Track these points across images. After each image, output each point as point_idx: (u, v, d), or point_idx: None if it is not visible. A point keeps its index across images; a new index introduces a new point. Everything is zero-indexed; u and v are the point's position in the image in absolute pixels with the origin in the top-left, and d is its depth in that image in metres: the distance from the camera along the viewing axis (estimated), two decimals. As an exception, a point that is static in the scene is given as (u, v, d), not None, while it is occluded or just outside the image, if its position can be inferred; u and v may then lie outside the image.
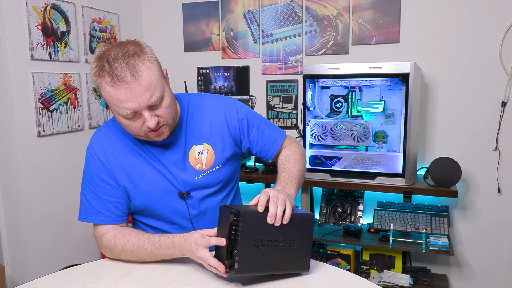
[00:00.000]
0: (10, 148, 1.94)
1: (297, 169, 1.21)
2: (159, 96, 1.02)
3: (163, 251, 1.08)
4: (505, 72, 2.17)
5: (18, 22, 1.92)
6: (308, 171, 2.26)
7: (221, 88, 2.73)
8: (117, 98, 0.99)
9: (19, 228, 1.98)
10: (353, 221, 2.33)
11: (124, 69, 0.98)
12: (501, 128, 2.21)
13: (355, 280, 1.05)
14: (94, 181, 1.15)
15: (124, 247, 1.11)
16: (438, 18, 2.25)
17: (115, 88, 0.98)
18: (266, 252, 0.97)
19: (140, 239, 1.10)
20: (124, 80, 0.97)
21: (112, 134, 1.18)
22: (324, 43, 2.47)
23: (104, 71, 0.99)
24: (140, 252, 1.10)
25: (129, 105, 0.99)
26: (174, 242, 1.07)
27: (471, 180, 2.30)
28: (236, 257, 0.93)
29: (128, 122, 1.04)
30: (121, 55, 0.99)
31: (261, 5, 2.58)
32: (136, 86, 0.98)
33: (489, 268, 2.32)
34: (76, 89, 2.26)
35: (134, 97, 0.98)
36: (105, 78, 0.99)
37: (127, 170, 1.15)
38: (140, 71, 0.99)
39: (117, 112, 1.03)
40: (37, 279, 1.08)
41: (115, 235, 1.13)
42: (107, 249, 1.14)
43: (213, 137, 1.21)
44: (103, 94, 1.02)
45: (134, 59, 0.99)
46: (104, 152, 1.15)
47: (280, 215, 0.97)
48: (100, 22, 2.44)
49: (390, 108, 2.17)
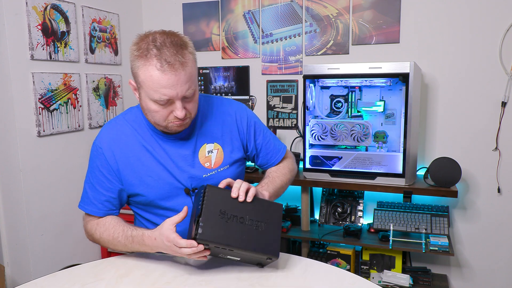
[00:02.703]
0: (10, 148, 1.94)
1: (280, 180, 1.29)
2: (194, 89, 1.07)
3: (135, 246, 1.12)
4: (505, 72, 2.17)
5: (18, 22, 1.92)
6: (308, 171, 2.26)
7: (221, 88, 2.73)
8: (159, 82, 1.01)
9: (19, 228, 1.98)
10: (353, 221, 2.33)
11: (174, 56, 1.00)
12: (501, 128, 2.21)
13: (355, 280, 1.05)
14: (94, 172, 1.19)
15: (102, 236, 1.17)
16: (438, 18, 2.25)
17: (163, 72, 1.00)
18: (232, 226, 1.01)
19: (115, 231, 1.15)
20: (173, 67, 1.00)
21: (122, 129, 1.20)
22: (324, 43, 2.47)
23: (151, 54, 1.01)
24: (115, 243, 1.15)
25: (168, 91, 1.02)
26: (144, 240, 1.09)
27: (471, 180, 2.30)
28: (201, 223, 0.98)
29: (157, 108, 1.06)
30: (169, 43, 1.02)
31: (261, 5, 2.58)
32: (182, 75, 1.02)
33: (489, 268, 2.32)
34: (76, 89, 2.26)
35: (177, 85, 1.02)
36: (153, 61, 1.00)
37: (133, 164, 1.18)
38: (187, 62, 1.03)
39: (151, 97, 1.05)
40: (37, 279, 1.08)
41: (98, 222, 1.19)
42: (89, 234, 1.21)
43: (224, 138, 1.24)
44: (143, 77, 1.03)
45: (182, 49, 1.03)
46: (110, 146, 1.18)
47: (243, 190, 1.04)
48: (100, 22, 2.44)
49: (390, 108, 2.17)
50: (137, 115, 1.22)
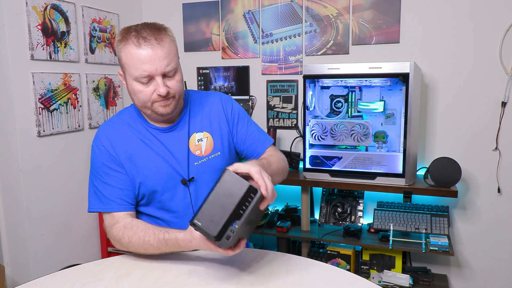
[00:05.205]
0: (10, 148, 1.94)
1: (276, 166, 1.22)
2: (174, 67, 1.13)
3: (170, 249, 1.10)
4: (505, 72, 2.17)
5: (18, 22, 1.92)
6: (308, 171, 2.26)
7: (221, 88, 2.73)
8: (138, 58, 1.08)
9: (19, 228, 1.98)
10: (353, 221, 2.33)
11: (150, 34, 1.09)
12: (501, 128, 2.21)
13: (355, 280, 1.05)
14: (103, 170, 1.20)
15: (131, 240, 1.13)
16: (438, 18, 2.25)
17: (139, 47, 1.08)
18: (247, 229, 0.97)
19: (146, 234, 1.11)
20: (149, 42, 1.08)
21: (117, 126, 1.24)
22: (324, 43, 2.47)
23: (130, 35, 1.10)
24: (146, 247, 1.12)
25: (147, 67, 1.08)
26: (179, 244, 1.08)
27: (471, 180, 2.30)
28: (233, 231, 0.91)
29: (141, 87, 1.12)
30: (147, 26, 1.12)
31: (261, 5, 2.58)
32: (158, 50, 1.08)
33: (489, 268, 2.32)
34: (76, 89, 2.26)
35: (155, 59, 1.08)
36: (131, 39, 1.09)
37: (132, 158, 1.20)
38: (164, 40, 1.10)
39: (133, 75, 1.11)
40: (37, 279, 1.08)
41: (125, 225, 1.15)
42: (116, 240, 1.16)
43: (212, 127, 1.28)
44: (124, 57, 1.11)
45: (160, 30, 1.12)
46: (110, 143, 1.21)
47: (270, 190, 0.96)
48: (100, 22, 2.44)
49: (390, 108, 2.17)
50: (131, 113, 1.26)
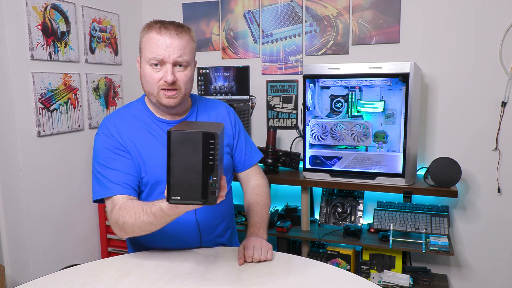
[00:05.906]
0: (10, 148, 1.94)
1: (265, 212, 1.40)
2: (187, 60, 1.21)
3: (160, 220, 1.05)
4: (505, 72, 2.17)
5: (18, 22, 1.92)
6: (308, 171, 2.26)
7: (221, 88, 2.73)
8: (155, 43, 1.17)
9: (19, 228, 1.98)
10: (353, 221, 2.33)
11: (172, 27, 1.20)
12: (501, 128, 2.21)
13: (355, 280, 1.05)
14: (108, 156, 1.22)
15: (125, 219, 1.11)
16: (438, 18, 2.25)
17: (159, 34, 1.18)
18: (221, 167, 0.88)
19: (136, 211, 1.09)
20: (169, 32, 1.18)
21: (124, 118, 1.29)
22: (324, 43, 2.47)
23: (155, 25, 1.20)
24: (140, 224, 1.08)
25: (161, 52, 1.17)
26: (164, 211, 1.02)
27: (471, 180, 2.30)
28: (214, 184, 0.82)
29: (151, 71, 1.19)
30: (172, 22, 1.22)
31: (261, 5, 2.58)
32: (176, 40, 1.18)
33: (489, 268, 2.32)
34: (76, 89, 2.26)
35: (170, 47, 1.17)
36: (154, 28, 1.19)
37: (138, 147, 1.24)
38: (183, 34, 1.20)
39: (147, 58, 1.19)
40: (37, 279, 1.08)
41: (120, 207, 1.14)
42: (114, 224, 1.15)
43: None
44: (143, 42, 1.21)
45: (182, 27, 1.22)
46: (118, 131, 1.24)
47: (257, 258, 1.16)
48: (100, 22, 2.44)
49: (390, 108, 2.17)
50: (138, 107, 1.31)
